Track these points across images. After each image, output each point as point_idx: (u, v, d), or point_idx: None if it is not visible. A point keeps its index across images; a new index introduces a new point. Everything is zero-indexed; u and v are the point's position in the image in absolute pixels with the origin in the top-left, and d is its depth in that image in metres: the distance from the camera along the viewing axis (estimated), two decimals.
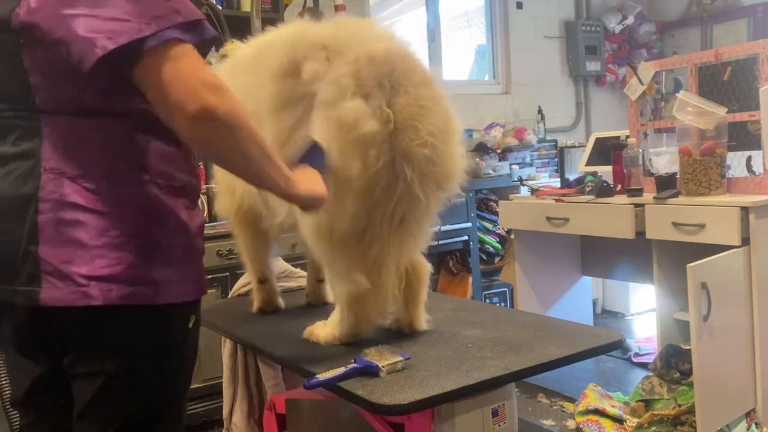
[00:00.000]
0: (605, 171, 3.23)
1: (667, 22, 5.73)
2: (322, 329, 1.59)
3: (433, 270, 1.72)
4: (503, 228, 4.24)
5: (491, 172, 4.47)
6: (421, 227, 1.53)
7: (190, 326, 1.24)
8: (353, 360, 1.34)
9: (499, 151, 4.66)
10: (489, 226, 4.40)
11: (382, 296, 1.51)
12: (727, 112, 2.70)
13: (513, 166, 4.63)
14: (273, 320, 1.87)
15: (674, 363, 2.69)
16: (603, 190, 3.00)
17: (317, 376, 1.30)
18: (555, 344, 1.46)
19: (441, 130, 1.44)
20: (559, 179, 4.26)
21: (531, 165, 4.80)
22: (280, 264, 2.24)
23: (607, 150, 3.30)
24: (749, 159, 2.83)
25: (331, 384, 1.30)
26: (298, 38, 1.50)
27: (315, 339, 1.59)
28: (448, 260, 4.19)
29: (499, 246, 4.40)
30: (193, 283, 1.22)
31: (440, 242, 3.84)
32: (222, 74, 1.67)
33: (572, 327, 1.63)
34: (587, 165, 3.66)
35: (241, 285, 2.24)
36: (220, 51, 2.75)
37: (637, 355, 3.52)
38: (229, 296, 2.35)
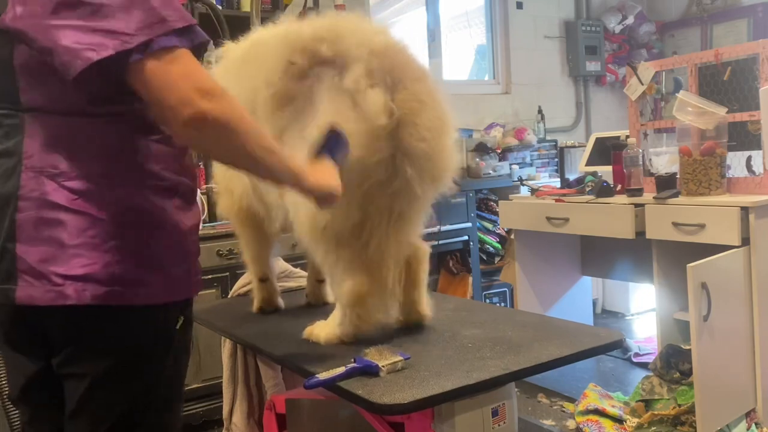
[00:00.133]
0: (605, 171, 3.23)
1: (667, 22, 5.73)
2: (323, 329, 1.59)
3: (433, 269, 1.71)
4: (503, 228, 4.24)
5: (491, 172, 4.47)
6: (417, 221, 1.55)
7: (178, 327, 1.22)
8: (353, 360, 1.34)
9: (499, 151, 4.65)
10: (489, 226, 4.40)
11: (384, 292, 1.51)
12: (727, 112, 2.70)
13: (513, 166, 4.63)
14: (273, 320, 1.87)
15: (674, 363, 2.69)
16: (603, 190, 3.00)
17: (317, 376, 1.30)
18: (555, 344, 1.46)
19: (437, 126, 1.45)
20: (559, 179, 4.26)
21: (531, 165, 4.80)
22: (280, 264, 2.24)
23: (607, 150, 3.30)
24: (749, 159, 2.83)
25: (331, 384, 1.30)
26: (293, 33, 1.49)
27: (315, 339, 1.59)
28: (448, 260, 4.19)
29: (499, 246, 4.40)
30: (181, 284, 1.20)
31: (440, 242, 3.83)
32: (216, 76, 1.68)
33: (572, 327, 1.63)
34: (587, 165, 3.66)
35: (241, 285, 2.24)
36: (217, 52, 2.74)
37: (637, 355, 3.52)
38: (229, 296, 2.35)
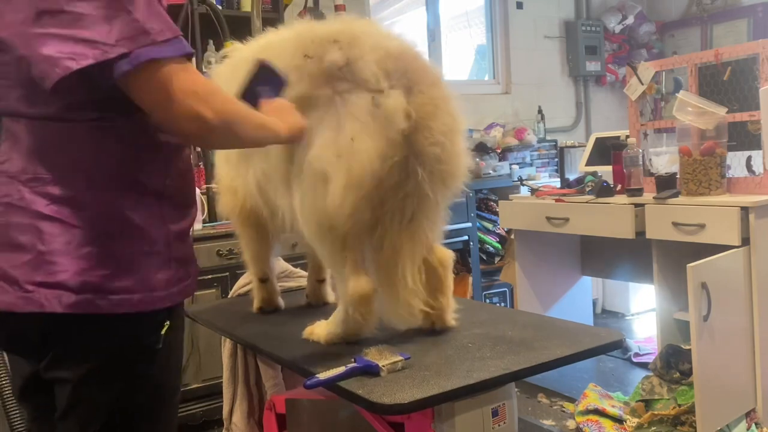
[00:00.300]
0: (605, 171, 3.23)
1: (667, 22, 5.73)
2: (323, 328, 1.59)
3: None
4: (503, 228, 4.24)
5: (491, 172, 4.47)
6: (432, 223, 1.54)
7: (163, 333, 1.18)
8: (353, 359, 1.34)
9: (499, 151, 4.66)
10: (489, 226, 4.40)
11: (402, 295, 1.51)
12: (727, 112, 2.70)
13: (513, 166, 4.63)
14: (273, 320, 1.87)
15: (674, 363, 2.69)
16: (603, 190, 3.00)
17: (317, 376, 1.30)
18: (555, 344, 1.46)
19: (450, 130, 1.46)
20: (559, 179, 4.27)
21: (531, 165, 4.80)
22: (281, 264, 2.24)
23: (607, 150, 3.30)
24: (749, 159, 2.83)
25: (331, 384, 1.30)
26: (305, 34, 1.49)
27: (315, 338, 1.59)
28: None
29: (499, 246, 4.40)
30: (161, 291, 1.16)
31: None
32: (221, 76, 1.67)
33: (572, 327, 1.63)
34: (587, 165, 3.66)
35: (241, 285, 2.24)
36: (221, 52, 2.74)
37: (637, 355, 3.52)
38: (229, 296, 2.35)
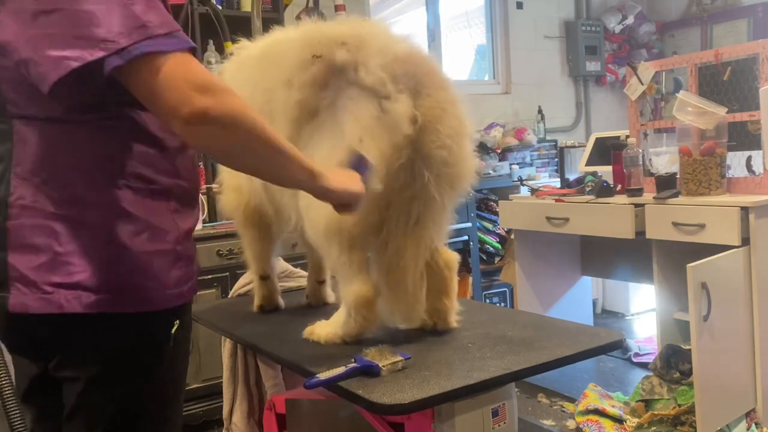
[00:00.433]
0: (605, 171, 3.23)
1: (667, 22, 5.73)
2: (324, 328, 1.59)
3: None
4: (503, 228, 4.24)
5: (491, 172, 4.47)
6: (437, 226, 1.54)
7: (173, 331, 1.20)
8: (353, 360, 1.34)
9: (499, 151, 4.66)
10: (489, 226, 4.40)
11: (405, 297, 1.51)
12: (727, 112, 2.70)
13: (513, 166, 4.64)
14: (273, 320, 1.87)
15: (674, 363, 2.69)
16: (603, 190, 3.00)
17: (317, 376, 1.30)
18: (555, 344, 1.46)
19: (457, 133, 1.47)
20: (559, 179, 4.27)
21: (531, 165, 4.80)
22: (281, 264, 2.24)
23: (607, 150, 3.31)
24: (749, 159, 2.83)
25: (331, 384, 1.30)
26: (313, 35, 1.48)
27: (316, 338, 1.59)
28: None
29: (499, 246, 4.40)
30: (173, 289, 1.18)
31: None
32: (227, 73, 1.67)
33: (572, 327, 1.63)
34: (587, 165, 3.66)
35: (242, 285, 2.24)
36: (228, 50, 2.74)
37: (637, 355, 3.52)
38: (229, 296, 2.35)
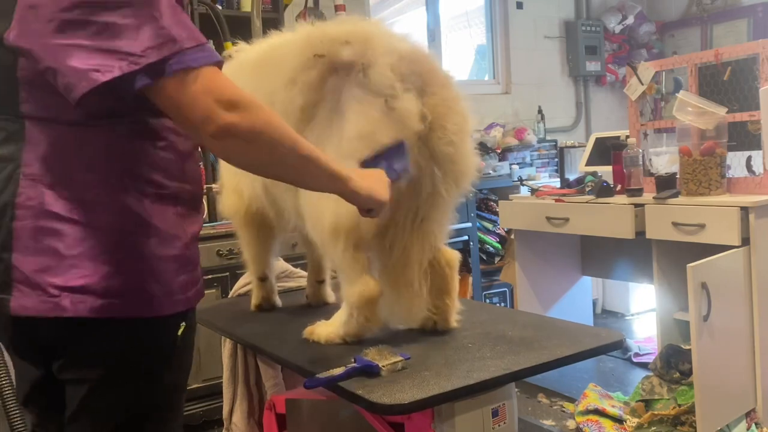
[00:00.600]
0: (605, 171, 3.23)
1: (667, 22, 5.73)
2: (324, 328, 1.59)
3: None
4: (503, 228, 4.24)
5: (491, 172, 4.47)
6: (440, 225, 1.56)
7: (179, 333, 1.19)
8: (353, 360, 1.34)
9: (499, 151, 4.66)
10: (489, 226, 4.40)
11: (410, 296, 1.51)
12: (727, 112, 2.70)
13: (513, 166, 4.63)
14: (273, 320, 1.87)
15: (674, 363, 2.69)
16: (603, 190, 3.00)
17: (317, 376, 1.30)
18: (555, 344, 1.46)
19: (461, 130, 1.48)
20: (559, 179, 4.27)
21: (531, 165, 4.80)
22: (280, 264, 2.24)
23: (607, 150, 3.30)
24: (749, 159, 2.83)
25: (331, 384, 1.30)
26: (314, 35, 1.49)
27: (316, 338, 1.59)
28: None
29: (499, 246, 4.40)
30: (181, 294, 1.17)
31: None
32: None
33: (572, 327, 1.63)
34: (587, 165, 3.66)
35: (241, 285, 2.24)
36: (224, 53, 2.74)
37: (637, 355, 3.52)
38: (229, 296, 2.35)
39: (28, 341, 1.16)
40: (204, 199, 3.12)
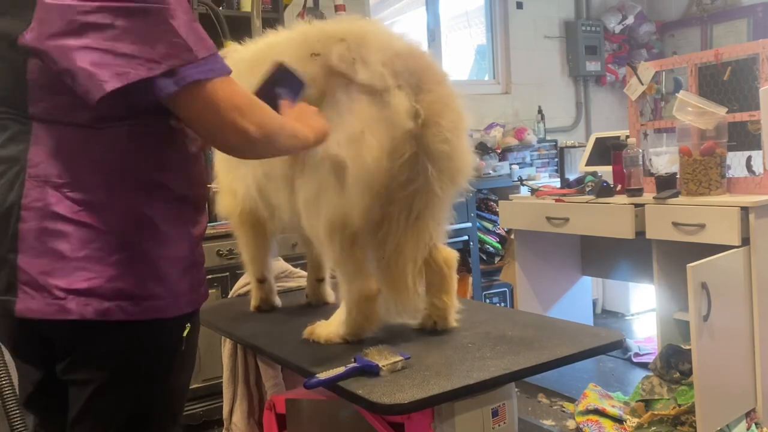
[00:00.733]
0: (605, 171, 3.23)
1: (667, 22, 5.73)
2: (324, 328, 1.59)
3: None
4: (503, 228, 4.24)
5: (491, 172, 4.47)
6: (436, 223, 1.55)
7: (185, 335, 1.20)
8: (353, 359, 1.34)
9: (499, 151, 4.66)
10: (489, 226, 4.40)
11: (404, 292, 1.51)
12: (727, 112, 2.70)
13: (513, 166, 4.63)
14: (273, 320, 1.87)
15: (674, 363, 2.69)
16: (603, 190, 3.00)
17: (317, 376, 1.30)
18: (555, 344, 1.46)
19: (457, 127, 1.48)
20: (559, 179, 4.26)
21: (531, 165, 4.80)
22: (280, 264, 2.24)
23: (607, 150, 3.30)
24: (749, 159, 2.83)
25: (331, 384, 1.30)
26: (311, 33, 1.49)
27: (316, 338, 1.59)
28: None
29: (499, 246, 4.40)
30: (188, 295, 1.18)
31: None
32: None
33: (572, 327, 1.63)
34: (587, 165, 3.66)
35: (241, 285, 2.24)
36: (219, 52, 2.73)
37: (637, 355, 3.52)
38: (229, 296, 2.35)
39: (32, 343, 1.15)
40: None
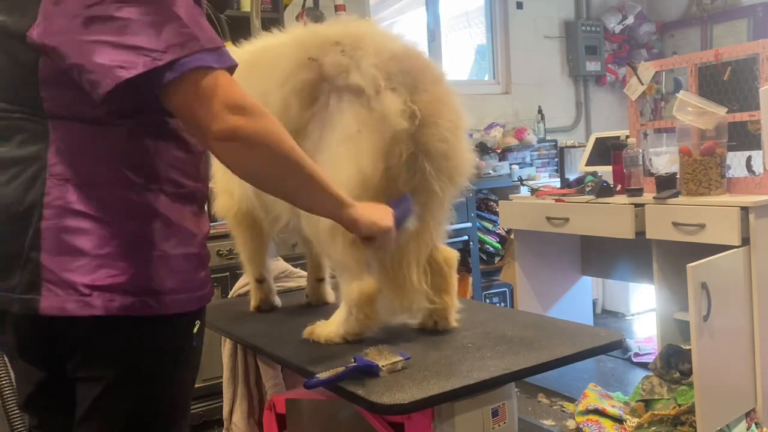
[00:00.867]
0: (605, 171, 3.23)
1: (667, 22, 5.73)
2: (324, 328, 1.59)
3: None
4: (503, 228, 4.24)
5: (491, 172, 4.47)
6: (437, 223, 1.56)
7: (195, 331, 1.21)
8: (353, 359, 1.34)
9: (499, 151, 4.66)
10: (489, 226, 4.40)
11: (407, 292, 1.51)
12: (727, 112, 2.70)
13: (513, 166, 4.63)
14: (273, 320, 1.87)
15: (674, 363, 2.69)
16: (603, 190, 3.00)
17: (317, 376, 1.30)
18: (555, 344, 1.46)
19: (455, 126, 1.48)
20: (559, 179, 4.27)
21: (531, 165, 4.80)
22: (280, 264, 2.24)
23: (607, 150, 3.31)
24: (749, 159, 2.83)
25: (331, 384, 1.30)
26: (307, 37, 1.49)
27: (316, 338, 1.59)
28: None
29: (499, 246, 4.40)
30: (199, 291, 1.19)
31: None
32: None
33: (572, 327, 1.63)
34: (587, 165, 3.66)
35: (241, 285, 2.24)
36: None
37: (637, 355, 3.52)
38: (229, 296, 2.35)
39: (45, 342, 1.15)
40: None
